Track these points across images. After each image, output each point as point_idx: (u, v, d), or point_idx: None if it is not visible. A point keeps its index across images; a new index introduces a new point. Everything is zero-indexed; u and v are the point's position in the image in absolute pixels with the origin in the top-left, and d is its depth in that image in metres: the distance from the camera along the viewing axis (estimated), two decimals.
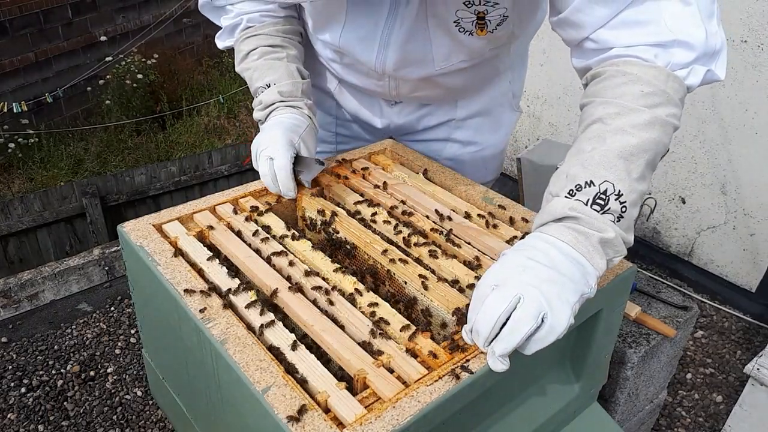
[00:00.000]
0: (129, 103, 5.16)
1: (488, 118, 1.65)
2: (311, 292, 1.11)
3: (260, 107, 1.43)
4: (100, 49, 5.36)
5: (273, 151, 1.32)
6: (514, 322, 0.89)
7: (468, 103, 1.62)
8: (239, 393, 0.95)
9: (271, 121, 1.40)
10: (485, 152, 1.70)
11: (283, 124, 1.37)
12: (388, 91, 1.49)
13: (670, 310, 1.64)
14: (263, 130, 1.39)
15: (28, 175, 4.56)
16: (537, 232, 1.00)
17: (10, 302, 2.71)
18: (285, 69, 1.44)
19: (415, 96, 1.53)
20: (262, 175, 1.34)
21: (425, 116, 1.63)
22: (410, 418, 0.86)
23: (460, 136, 1.66)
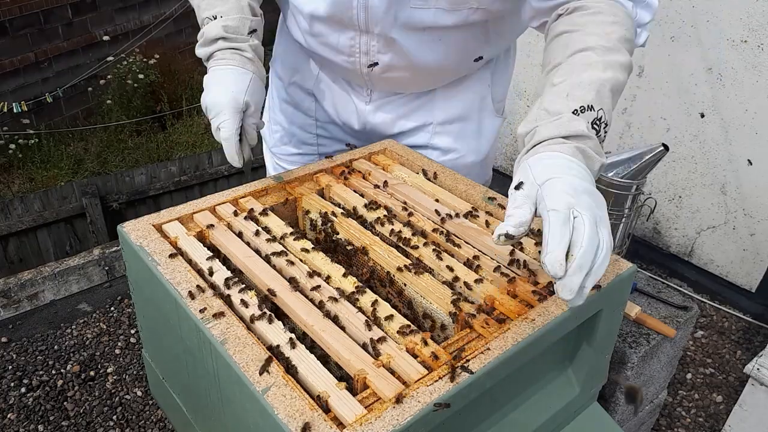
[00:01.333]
0: (129, 103, 5.16)
1: (468, 123, 1.63)
2: (311, 292, 1.11)
3: (202, 41, 1.35)
4: (101, 49, 5.35)
5: (219, 119, 1.28)
6: (605, 248, 0.85)
7: (445, 105, 1.60)
8: (239, 393, 0.95)
9: (214, 73, 1.32)
10: (466, 159, 1.67)
11: (225, 81, 1.30)
12: (359, 68, 1.46)
13: (670, 310, 1.64)
14: (207, 85, 1.32)
15: (28, 175, 4.55)
16: (562, 155, 0.94)
17: (10, 302, 2.71)
18: (235, 3, 1.36)
19: (386, 78, 1.48)
20: (216, 137, 1.33)
21: (400, 118, 1.62)
22: (410, 418, 0.86)
23: (440, 142, 1.64)
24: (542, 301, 1.09)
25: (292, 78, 1.69)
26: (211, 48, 1.33)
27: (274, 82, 1.79)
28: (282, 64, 1.72)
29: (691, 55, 2.82)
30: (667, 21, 2.85)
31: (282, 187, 1.43)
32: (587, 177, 0.93)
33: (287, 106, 1.74)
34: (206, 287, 1.09)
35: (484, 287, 1.13)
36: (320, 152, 1.76)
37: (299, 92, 1.70)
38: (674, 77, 2.91)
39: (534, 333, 1.01)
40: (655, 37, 2.91)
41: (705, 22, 2.73)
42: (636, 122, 3.13)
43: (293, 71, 1.68)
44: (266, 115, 1.84)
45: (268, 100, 1.84)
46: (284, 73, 1.72)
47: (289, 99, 1.73)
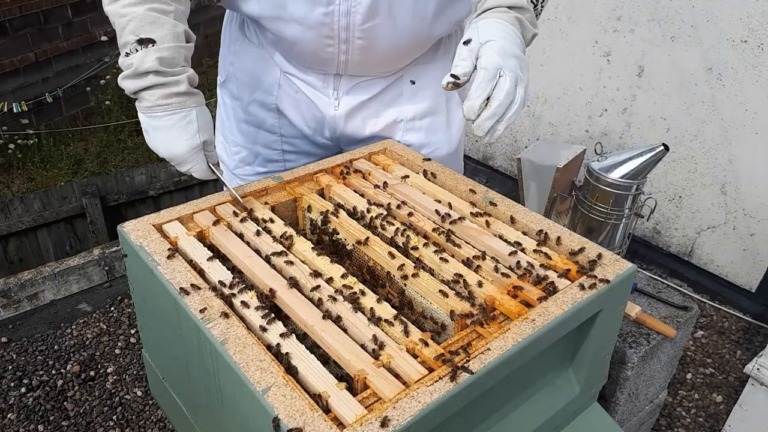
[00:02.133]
0: (129, 103, 5.16)
1: (438, 116, 1.64)
2: (311, 292, 1.11)
3: (130, 73, 1.20)
4: (100, 49, 5.35)
5: (185, 167, 1.28)
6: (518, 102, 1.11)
7: (413, 100, 1.60)
8: (239, 393, 0.95)
9: (156, 122, 1.23)
10: (440, 152, 1.68)
11: (174, 132, 1.23)
12: (336, 29, 1.37)
13: (671, 310, 1.64)
14: (150, 132, 1.25)
15: (28, 175, 4.55)
16: (503, 22, 1.16)
17: (10, 302, 2.71)
18: (170, 28, 1.21)
19: (366, 40, 1.40)
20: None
21: (371, 117, 1.60)
22: (410, 418, 0.86)
23: (412, 138, 1.65)
24: (542, 301, 1.09)
25: (252, 96, 1.62)
26: (141, 82, 1.20)
27: (227, 103, 1.69)
28: (238, 83, 1.63)
29: (691, 55, 2.82)
30: (667, 21, 2.85)
31: (282, 187, 1.43)
32: (519, 43, 1.15)
33: (248, 126, 1.67)
34: (206, 287, 1.09)
35: (484, 287, 1.13)
36: (287, 168, 1.69)
37: (261, 111, 1.63)
38: (674, 77, 2.91)
39: (534, 333, 1.01)
40: (655, 37, 2.92)
41: (705, 22, 2.73)
42: (636, 122, 3.13)
43: (252, 89, 1.60)
44: (219, 137, 1.75)
45: (220, 122, 1.75)
46: (242, 92, 1.63)
47: (250, 119, 1.65)
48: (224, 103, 1.70)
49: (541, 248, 1.24)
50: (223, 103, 1.71)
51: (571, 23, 3.24)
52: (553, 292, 1.11)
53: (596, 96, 3.26)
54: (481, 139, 1.11)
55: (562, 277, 1.15)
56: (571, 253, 1.23)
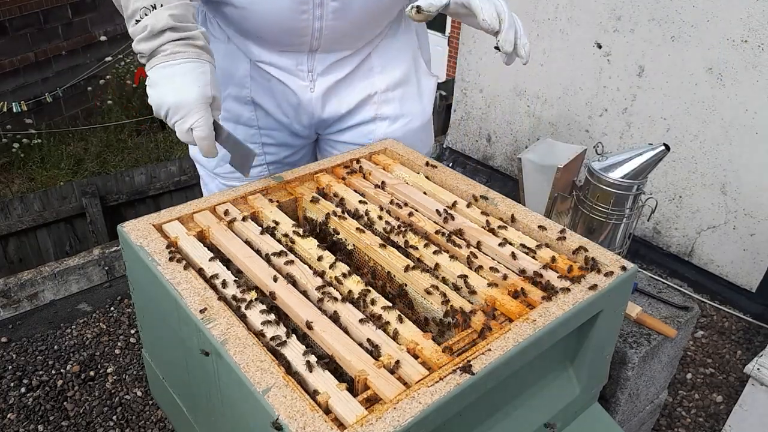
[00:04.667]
0: (129, 103, 5.16)
1: (409, 86, 1.68)
2: (312, 292, 1.11)
3: (146, 35, 1.20)
4: (100, 49, 5.35)
5: (191, 119, 1.22)
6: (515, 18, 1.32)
7: (384, 71, 1.63)
8: (240, 393, 0.95)
9: (168, 70, 1.22)
10: (414, 123, 1.72)
11: (187, 78, 1.21)
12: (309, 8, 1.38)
13: (671, 310, 1.64)
14: (159, 83, 1.22)
15: (28, 175, 4.55)
16: None
17: (10, 302, 2.71)
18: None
19: (333, 9, 1.41)
20: (182, 139, 1.26)
21: (346, 95, 1.61)
22: (411, 419, 0.86)
23: (387, 111, 1.67)
24: (543, 301, 1.09)
25: (225, 92, 1.59)
26: (157, 41, 1.21)
27: None
28: None
29: (692, 54, 2.82)
30: (668, 21, 2.85)
31: (282, 187, 1.43)
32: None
33: (225, 123, 1.60)
34: (207, 288, 1.09)
35: (484, 287, 1.13)
36: (267, 161, 1.69)
37: (236, 105, 1.61)
38: (674, 77, 2.91)
39: (535, 333, 1.01)
40: (656, 36, 2.91)
41: (705, 22, 2.73)
42: (636, 122, 3.13)
43: (224, 84, 1.57)
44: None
45: None
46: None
47: (227, 115, 1.62)
48: None
49: (541, 248, 1.24)
50: None
51: (571, 23, 3.24)
52: (554, 292, 1.11)
53: (596, 96, 3.26)
54: (509, 58, 1.31)
55: (563, 278, 1.15)
56: (572, 253, 1.23)
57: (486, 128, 3.92)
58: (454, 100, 4.05)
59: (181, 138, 1.25)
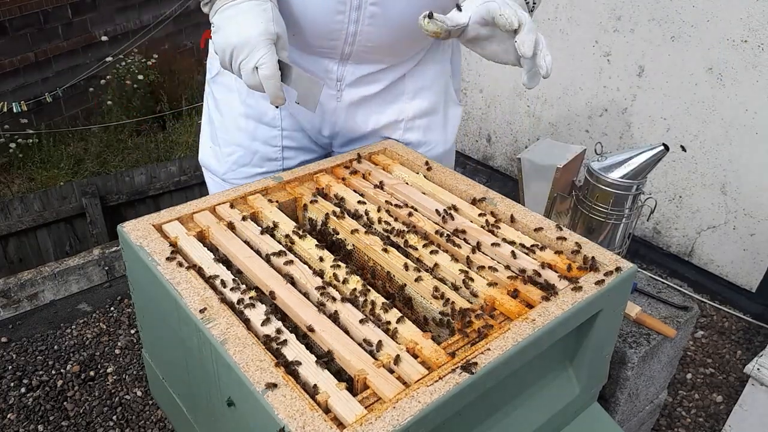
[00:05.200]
0: (129, 103, 5.16)
1: (436, 116, 1.65)
2: (312, 291, 1.11)
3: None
4: (100, 49, 5.35)
5: (255, 56, 1.19)
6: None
7: (414, 99, 1.60)
8: (239, 393, 0.95)
9: (229, 12, 1.22)
10: (436, 151, 1.69)
11: (248, 16, 1.20)
12: (347, 10, 1.35)
13: (671, 310, 1.64)
14: (222, 26, 1.21)
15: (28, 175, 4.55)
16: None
17: (10, 302, 2.71)
18: None
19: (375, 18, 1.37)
20: (249, 85, 1.23)
21: (373, 113, 1.58)
22: (410, 418, 0.86)
23: (411, 137, 1.65)
24: (542, 301, 1.09)
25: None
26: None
27: (220, 99, 1.60)
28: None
29: (692, 54, 2.82)
30: (667, 21, 2.85)
31: (282, 187, 1.43)
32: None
33: (247, 121, 1.57)
34: (206, 288, 1.09)
35: (484, 287, 1.13)
36: (285, 166, 1.64)
37: (261, 101, 1.54)
38: (674, 77, 2.91)
39: (534, 333, 1.01)
40: (656, 36, 2.91)
41: (705, 22, 2.73)
42: (636, 122, 3.13)
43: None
44: (207, 143, 1.66)
45: (208, 125, 1.65)
46: (240, 81, 1.49)
47: (250, 111, 1.56)
48: (215, 100, 1.61)
49: (541, 248, 1.24)
50: (213, 100, 1.62)
51: (571, 23, 3.24)
52: (553, 292, 1.11)
53: (596, 96, 3.26)
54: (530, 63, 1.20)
55: (562, 277, 1.15)
56: (571, 252, 1.23)
57: (486, 128, 3.93)
58: None
59: (247, 81, 1.22)
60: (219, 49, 1.23)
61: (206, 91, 1.66)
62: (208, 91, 1.64)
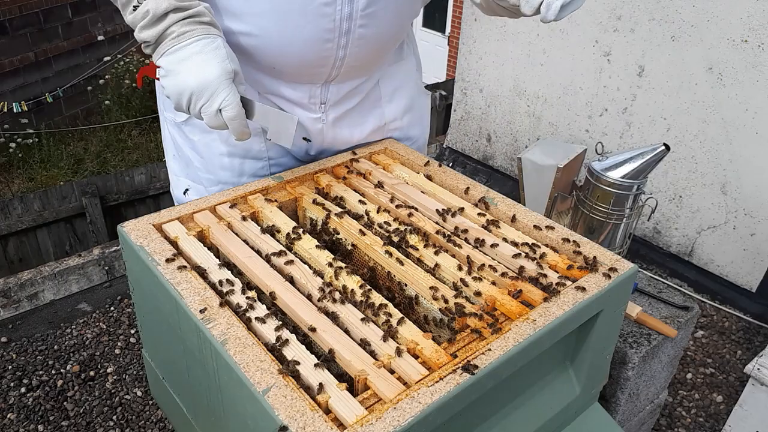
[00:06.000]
0: (129, 103, 5.16)
1: (413, 112, 1.66)
2: (312, 291, 1.11)
3: (148, 20, 1.13)
4: (100, 48, 5.35)
5: (218, 99, 1.14)
6: None
7: (392, 101, 1.59)
8: (239, 394, 0.94)
9: (180, 53, 1.15)
10: (418, 144, 1.72)
11: (202, 57, 1.14)
12: (337, 20, 1.27)
13: (671, 310, 1.64)
14: (174, 70, 1.15)
15: (28, 175, 4.55)
16: None
17: (10, 302, 2.71)
18: None
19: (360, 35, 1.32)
20: (211, 127, 1.18)
21: (356, 126, 1.56)
22: (411, 419, 0.86)
23: (396, 135, 1.67)
24: (543, 301, 1.08)
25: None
26: (162, 25, 1.14)
27: (197, 140, 1.49)
28: None
29: (692, 54, 2.82)
30: (668, 20, 2.85)
31: (282, 187, 1.43)
32: None
33: (231, 159, 1.49)
34: (207, 288, 1.09)
35: (484, 287, 1.13)
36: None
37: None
38: (674, 77, 2.91)
39: (535, 333, 1.01)
40: (656, 36, 2.91)
41: (705, 22, 2.73)
42: (636, 122, 3.13)
43: None
44: (181, 185, 1.58)
45: (184, 166, 1.56)
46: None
47: (234, 150, 1.48)
48: (191, 142, 1.50)
49: (541, 248, 1.24)
50: (188, 142, 1.51)
51: (571, 23, 3.24)
52: (554, 292, 1.11)
53: (596, 96, 3.26)
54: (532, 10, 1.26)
55: (563, 277, 1.15)
56: (572, 252, 1.23)
57: (486, 128, 3.92)
58: (454, 100, 4.05)
59: (209, 123, 1.19)
60: (173, 93, 1.17)
61: (170, 132, 1.55)
62: (177, 133, 1.53)
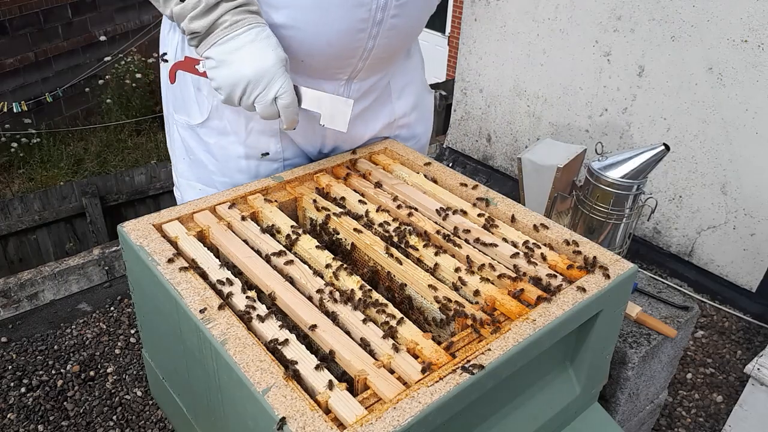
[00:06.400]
0: (129, 103, 5.16)
1: (419, 109, 1.68)
2: (312, 292, 1.11)
3: (200, 10, 1.12)
4: (100, 48, 5.35)
5: (275, 87, 1.15)
6: None
7: (401, 98, 1.60)
8: (239, 394, 0.95)
9: (233, 43, 1.14)
10: (422, 141, 1.73)
11: (256, 46, 1.13)
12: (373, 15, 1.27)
13: (671, 310, 1.64)
14: (226, 60, 1.14)
15: (28, 175, 4.55)
16: None
17: (10, 302, 2.71)
18: None
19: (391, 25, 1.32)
20: (263, 116, 1.19)
21: (369, 122, 1.57)
22: (411, 418, 0.86)
23: (402, 132, 1.68)
24: (543, 301, 1.08)
25: (249, 125, 1.42)
26: (214, 14, 1.13)
27: (213, 143, 1.46)
28: (228, 117, 1.42)
29: (692, 54, 2.82)
30: (668, 20, 2.85)
31: (282, 187, 1.43)
32: None
33: (249, 161, 1.48)
34: (206, 287, 1.09)
35: (484, 287, 1.13)
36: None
37: (262, 138, 1.46)
38: (674, 77, 2.90)
39: (535, 333, 1.01)
40: (656, 36, 2.91)
41: (705, 22, 2.73)
42: (636, 122, 3.13)
43: (247, 118, 1.41)
44: (195, 183, 1.55)
45: (202, 165, 1.51)
46: (236, 125, 1.42)
47: (251, 152, 1.47)
48: (205, 144, 1.48)
49: (541, 248, 1.24)
50: (203, 144, 1.48)
51: (571, 23, 3.24)
52: (554, 292, 1.11)
53: (596, 96, 3.26)
54: None
55: (563, 277, 1.15)
56: (571, 253, 1.23)
57: (486, 128, 3.92)
58: (454, 100, 4.05)
59: (263, 114, 1.18)
60: (226, 84, 1.17)
61: (181, 135, 1.52)
62: (190, 136, 1.50)
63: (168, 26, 1.44)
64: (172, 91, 1.48)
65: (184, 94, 1.45)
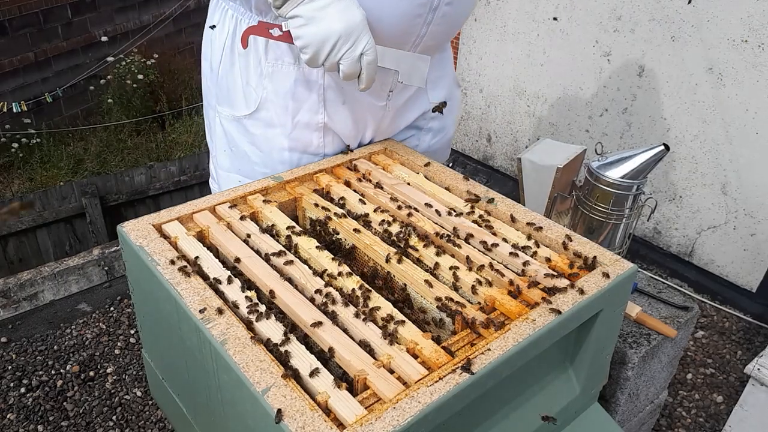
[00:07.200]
0: (129, 103, 5.16)
1: (450, 102, 1.69)
2: (312, 292, 1.11)
3: None
4: (100, 48, 5.35)
5: (362, 43, 1.19)
6: None
7: (434, 90, 1.63)
8: (239, 393, 0.94)
9: (319, 2, 1.18)
10: (449, 134, 1.76)
11: (342, 3, 1.17)
12: (424, 12, 1.32)
13: (671, 310, 1.64)
14: (319, 11, 1.17)
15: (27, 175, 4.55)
16: None
17: (10, 302, 2.70)
18: None
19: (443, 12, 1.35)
20: (346, 74, 1.22)
21: (405, 113, 1.61)
22: (410, 418, 0.86)
23: (434, 125, 1.70)
24: (543, 301, 1.08)
25: (295, 118, 1.46)
26: None
27: (259, 134, 1.50)
28: (276, 108, 1.46)
29: (692, 54, 2.81)
30: (668, 21, 2.85)
31: (282, 187, 1.43)
32: None
33: (291, 154, 1.51)
34: (206, 287, 1.09)
35: (484, 288, 1.13)
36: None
37: (306, 132, 1.49)
38: (675, 77, 2.90)
39: (534, 333, 1.01)
40: (656, 36, 2.91)
41: (705, 22, 2.73)
42: (636, 122, 3.13)
43: (294, 111, 1.45)
44: (235, 175, 1.58)
45: (246, 156, 1.55)
46: (283, 117, 1.46)
47: (295, 144, 1.50)
48: (251, 136, 1.51)
49: (541, 248, 1.24)
50: (248, 136, 1.51)
51: (571, 23, 3.24)
52: (554, 292, 1.11)
53: (596, 96, 3.26)
54: None
55: (563, 277, 1.15)
56: (571, 253, 1.22)
57: (486, 128, 3.92)
58: None
59: (347, 70, 1.22)
60: (316, 41, 1.20)
61: (224, 127, 1.55)
62: (235, 128, 1.53)
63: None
64: (216, 84, 1.53)
65: (230, 86, 1.49)
